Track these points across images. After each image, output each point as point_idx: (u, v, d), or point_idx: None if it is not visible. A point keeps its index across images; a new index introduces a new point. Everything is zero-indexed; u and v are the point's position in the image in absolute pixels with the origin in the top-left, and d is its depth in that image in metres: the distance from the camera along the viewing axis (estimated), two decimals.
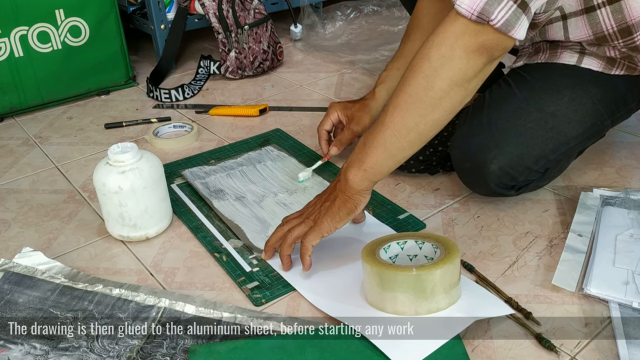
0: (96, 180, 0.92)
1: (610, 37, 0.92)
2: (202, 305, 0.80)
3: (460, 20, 0.74)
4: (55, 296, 0.83)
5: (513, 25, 0.73)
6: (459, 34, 0.74)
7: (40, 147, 1.32)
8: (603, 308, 0.78)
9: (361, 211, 0.87)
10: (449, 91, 0.76)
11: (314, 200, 0.89)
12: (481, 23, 0.73)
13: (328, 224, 0.82)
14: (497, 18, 0.72)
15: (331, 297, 0.81)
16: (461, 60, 0.75)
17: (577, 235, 0.91)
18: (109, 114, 1.48)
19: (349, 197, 0.83)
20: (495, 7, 0.72)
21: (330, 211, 0.83)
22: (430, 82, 0.76)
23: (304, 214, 0.87)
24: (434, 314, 0.74)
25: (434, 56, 0.75)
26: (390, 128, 0.79)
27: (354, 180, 0.82)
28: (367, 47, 1.80)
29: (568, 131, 0.95)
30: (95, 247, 0.96)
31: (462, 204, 1.03)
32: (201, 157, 1.22)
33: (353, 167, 0.82)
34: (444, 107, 0.77)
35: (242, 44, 1.60)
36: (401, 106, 0.78)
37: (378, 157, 0.80)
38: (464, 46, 0.74)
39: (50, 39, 1.45)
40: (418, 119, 0.78)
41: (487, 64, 0.76)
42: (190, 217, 1.01)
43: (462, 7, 0.73)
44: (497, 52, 0.76)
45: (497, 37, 0.74)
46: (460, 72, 0.75)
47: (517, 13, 0.73)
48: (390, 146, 0.80)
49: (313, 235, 0.82)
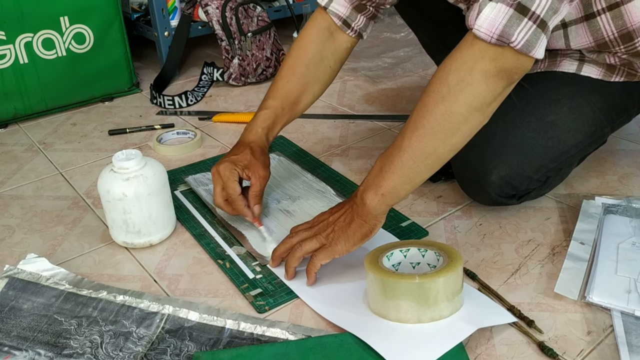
0: (100, 187, 0.93)
1: (612, 43, 0.92)
2: (206, 312, 0.81)
3: (479, 44, 0.73)
4: (60, 303, 0.84)
5: (534, 45, 0.72)
6: (478, 58, 0.73)
7: (44, 153, 1.33)
8: (605, 316, 0.79)
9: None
10: (468, 116, 0.75)
11: (326, 214, 0.87)
12: (501, 46, 0.72)
13: (342, 246, 0.81)
14: (517, 39, 0.71)
15: (334, 304, 0.82)
16: (480, 85, 0.73)
17: (580, 243, 0.92)
18: (112, 120, 1.48)
19: (364, 221, 0.81)
20: (515, 28, 0.71)
21: (346, 234, 0.81)
22: (449, 107, 0.74)
23: (314, 228, 0.85)
24: (437, 322, 0.75)
25: (453, 81, 0.74)
26: (408, 152, 0.77)
27: (371, 205, 0.80)
28: (369, 55, 1.80)
29: (568, 140, 0.96)
30: (99, 253, 0.97)
31: (464, 211, 1.03)
32: (204, 163, 1.22)
33: (370, 191, 0.80)
34: (463, 132, 0.76)
35: (245, 51, 1.61)
36: (420, 131, 0.76)
37: (396, 181, 0.79)
38: (483, 70, 0.73)
39: (54, 46, 1.46)
40: (437, 144, 0.76)
41: (506, 87, 0.75)
42: (193, 224, 1.02)
43: (480, 30, 0.72)
44: (517, 75, 0.75)
45: (517, 59, 0.73)
46: (479, 96, 0.74)
47: (537, 33, 0.72)
48: (409, 170, 0.78)
49: (325, 254, 0.82)
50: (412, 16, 1.28)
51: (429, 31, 1.29)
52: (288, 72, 1.02)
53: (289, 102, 1.01)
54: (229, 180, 0.94)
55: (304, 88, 1.02)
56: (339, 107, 1.50)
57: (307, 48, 1.02)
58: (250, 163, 0.95)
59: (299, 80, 1.02)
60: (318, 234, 0.83)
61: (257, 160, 0.96)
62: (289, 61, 1.03)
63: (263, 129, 0.99)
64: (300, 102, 1.02)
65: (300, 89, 1.02)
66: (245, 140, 0.99)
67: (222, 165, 0.95)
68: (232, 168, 0.94)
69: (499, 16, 0.71)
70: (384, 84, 1.64)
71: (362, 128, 1.38)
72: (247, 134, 1.00)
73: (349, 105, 1.51)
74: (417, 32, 1.35)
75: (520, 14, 0.71)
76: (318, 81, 1.03)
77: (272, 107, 1.01)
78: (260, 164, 0.96)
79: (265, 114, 1.00)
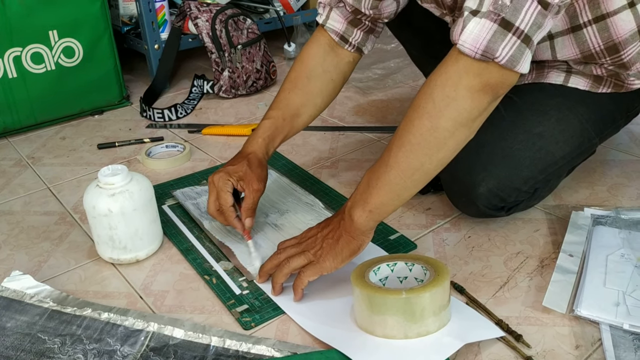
0: (86, 203, 0.92)
1: (598, 54, 0.92)
2: (191, 329, 0.80)
3: (464, 60, 0.73)
4: (44, 321, 0.83)
5: (518, 60, 0.72)
6: (462, 74, 0.73)
7: (33, 167, 1.32)
8: (594, 330, 0.78)
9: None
10: (454, 131, 0.74)
11: (314, 230, 0.86)
12: (485, 61, 0.72)
13: (330, 263, 0.81)
14: (502, 55, 0.71)
15: (321, 320, 0.81)
16: (465, 100, 0.73)
17: (568, 255, 0.91)
18: (102, 134, 1.48)
19: (352, 238, 0.81)
20: (499, 44, 0.70)
21: (334, 251, 0.81)
22: (434, 122, 0.74)
23: (302, 244, 0.85)
24: (424, 337, 0.74)
25: (438, 96, 0.74)
26: (395, 168, 0.77)
27: (359, 221, 0.80)
28: (360, 66, 1.79)
29: (556, 151, 0.95)
30: (85, 269, 0.96)
31: (453, 224, 1.03)
32: (193, 177, 1.22)
33: (358, 207, 0.80)
34: (449, 147, 0.76)
35: (236, 64, 1.61)
36: (406, 147, 0.76)
37: (383, 197, 0.78)
38: (468, 86, 0.73)
39: (43, 60, 1.45)
40: (424, 159, 0.76)
41: (491, 102, 0.75)
42: (180, 239, 1.01)
43: (465, 46, 0.72)
44: (502, 90, 0.74)
45: (501, 74, 0.72)
46: (465, 112, 0.73)
47: (522, 48, 0.71)
48: (396, 186, 0.78)
49: (312, 271, 0.81)
50: (401, 29, 1.28)
51: (417, 44, 1.29)
52: (289, 84, 1.03)
53: (290, 112, 1.01)
54: (222, 191, 0.94)
55: (305, 99, 1.02)
56: (329, 118, 1.50)
57: (308, 62, 1.03)
58: (246, 175, 0.95)
59: (300, 91, 1.02)
60: (306, 250, 0.83)
61: (253, 173, 0.95)
62: (291, 74, 1.04)
63: (264, 140, 0.99)
64: (302, 113, 1.03)
65: (302, 100, 1.02)
66: (244, 151, 0.99)
67: (217, 175, 0.95)
68: (227, 179, 0.94)
69: (483, 31, 0.71)
70: (375, 95, 1.64)
71: (352, 140, 1.38)
72: (248, 144, 1.00)
73: (339, 117, 1.51)
74: (405, 44, 1.35)
75: (504, 29, 0.70)
76: (320, 93, 1.04)
77: (273, 117, 1.01)
78: (256, 176, 0.95)
79: (267, 124, 1.01)
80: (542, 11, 0.70)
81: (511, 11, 0.70)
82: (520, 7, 0.70)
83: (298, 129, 1.04)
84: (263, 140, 0.99)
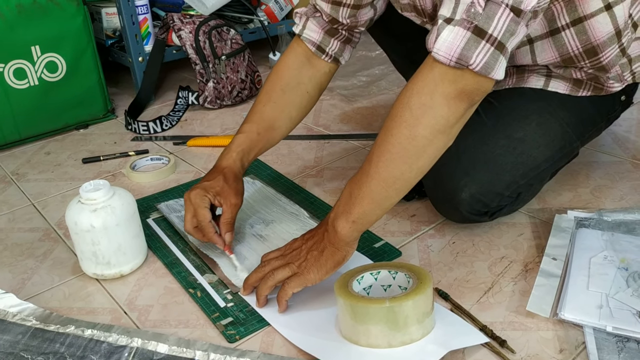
0: (68, 219, 0.92)
1: (577, 58, 0.93)
2: (175, 344, 0.79)
3: (439, 67, 0.73)
4: (27, 339, 0.82)
5: (492, 67, 0.72)
6: (438, 81, 0.73)
7: (17, 184, 1.31)
8: (578, 333, 0.78)
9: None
10: (432, 139, 0.75)
11: (298, 242, 0.86)
12: (460, 68, 0.72)
13: (314, 275, 0.81)
14: (476, 62, 0.71)
15: (306, 331, 0.81)
16: (442, 108, 0.73)
17: (552, 259, 0.91)
18: (87, 148, 1.47)
19: (337, 249, 0.81)
20: (473, 51, 0.71)
21: (318, 262, 0.81)
22: (412, 131, 0.74)
23: (286, 257, 0.85)
24: (408, 345, 0.74)
25: (415, 105, 0.74)
26: (375, 178, 0.77)
27: (343, 232, 0.79)
28: (344, 73, 1.81)
29: (537, 156, 0.96)
30: (69, 286, 0.95)
31: (437, 230, 1.03)
32: (178, 189, 1.21)
33: (341, 218, 0.80)
34: (428, 155, 0.76)
35: (220, 74, 1.61)
36: (385, 156, 0.76)
37: (365, 207, 0.78)
38: (444, 93, 0.73)
39: (26, 75, 1.45)
40: (404, 168, 0.76)
41: (467, 109, 0.75)
42: (165, 253, 1.01)
43: (439, 54, 0.72)
44: (478, 97, 0.75)
45: (476, 81, 0.73)
46: (442, 119, 0.74)
47: (496, 55, 0.71)
48: (377, 196, 0.78)
49: (296, 283, 0.81)
50: (382, 36, 1.29)
51: (398, 50, 1.30)
52: (264, 97, 1.02)
53: (264, 125, 1.01)
54: (199, 207, 0.93)
55: (280, 112, 1.02)
56: (315, 127, 1.50)
57: (283, 73, 1.03)
58: (223, 190, 0.94)
59: (274, 104, 1.01)
60: (290, 262, 0.83)
61: (230, 187, 0.95)
62: (266, 86, 1.03)
63: (237, 153, 0.99)
64: (277, 126, 1.02)
65: (276, 114, 1.01)
66: (219, 166, 0.98)
67: (193, 192, 0.94)
68: (203, 195, 0.94)
69: (457, 39, 0.71)
70: (360, 102, 1.64)
71: (337, 148, 1.38)
72: (222, 159, 0.99)
73: (324, 125, 1.51)
74: (386, 50, 1.36)
75: (477, 37, 0.71)
76: (295, 106, 1.03)
77: (247, 132, 1.00)
78: (233, 191, 0.95)
79: (241, 138, 1.00)
80: (515, 18, 0.71)
81: (484, 19, 0.70)
82: (493, 15, 0.70)
83: (274, 142, 1.03)
84: (237, 154, 0.98)
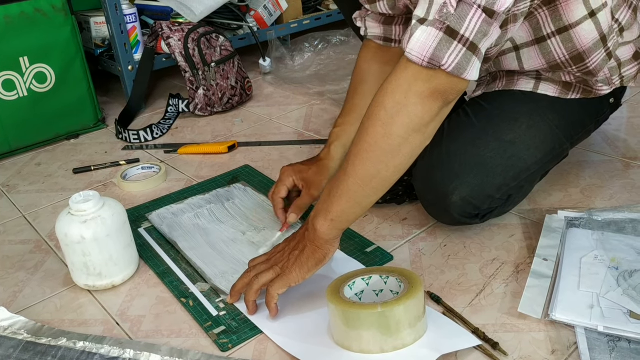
0: (58, 231, 0.92)
1: (564, 64, 0.94)
2: (168, 354, 0.79)
3: (412, 67, 0.74)
4: (18, 353, 0.82)
5: (465, 67, 0.72)
6: (412, 81, 0.74)
7: (8, 196, 1.31)
8: (569, 333, 0.78)
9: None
10: (407, 137, 0.75)
11: (282, 245, 0.87)
12: (433, 68, 0.73)
13: (297, 274, 0.81)
14: (448, 62, 0.72)
15: (299, 338, 0.80)
16: (416, 107, 0.74)
17: (543, 259, 0.92)
18: (78, 158, 1.47)
19: (317, 247, 0.82)
20: (445, 52, 0.71)
21: (299, 261, 0.82)
22: (387, 129, 0.75)
23: (271, 260, 0.85)
24: (400, 350, 0.74)
25: (389, 104, 0.75)
26: (352, 177, 0.78)
27: (322, 230, 0.80)
28: (335, 77, 1.81)
29: (527, 158, 0.96)
30: (61, 298, 0.95)
31: (429, 233, 1.03)
32: (169, 198, 1.21)
33: (320, 217, 0.81)
34: (404, 153, 0.77)
35: (210, 81, 1.61)
36: (362, 155, 0.77)
37: (344, 206, 0.79)
38: (417, 92, 0.74)
39: (15, 87, 1.44)
40: (380, 166, 0.77)
41: (442, 108, 0.76)
42: (157, 262, 1.00)
43: (412, 54, 0.73)
44: (452, 96, 0.75)
45: (450, 81, 0.73)
46: (416, 118, 0.75)
47: (468, 55, 0.72)
48: (355, 194, 0.79)
49: (280, 284, 0.81)
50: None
51: None
52: (352, 91, 1.09)
53: (356, 116, 1.05)
54: (281, 182, 1.05)
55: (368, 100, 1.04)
56: (305, 132, 1.50)
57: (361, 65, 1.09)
58: (310, 178, 1.03)
59: (362, 95, 1.07)
60: (275, 265, 0.84)
61: (317, 179, 1.03)
62: (351, 83, 1.10)
63: (335, 146, 1.06)
64: None
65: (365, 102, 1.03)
66: (319, 156, 1.07)
67: (288, 167, 1.06)
68: (291, 174, 1.04)
69: (429, 40, 0.72)
70: None
71: None
72: (322, 151, 1.08)
73: (315, 130, 1.51)
74: None
75: (449, 37, 0.71)
76: None
77: (341, 125, 1.07)
78: (317, 184, 1.03)
79: (336, 132, 1.07)
80: (487, 19, 0.71)
81: (456, 19, 0.71)
82: (465, 16, 0.71)
83: None
84: (334, 147, 1.06)
